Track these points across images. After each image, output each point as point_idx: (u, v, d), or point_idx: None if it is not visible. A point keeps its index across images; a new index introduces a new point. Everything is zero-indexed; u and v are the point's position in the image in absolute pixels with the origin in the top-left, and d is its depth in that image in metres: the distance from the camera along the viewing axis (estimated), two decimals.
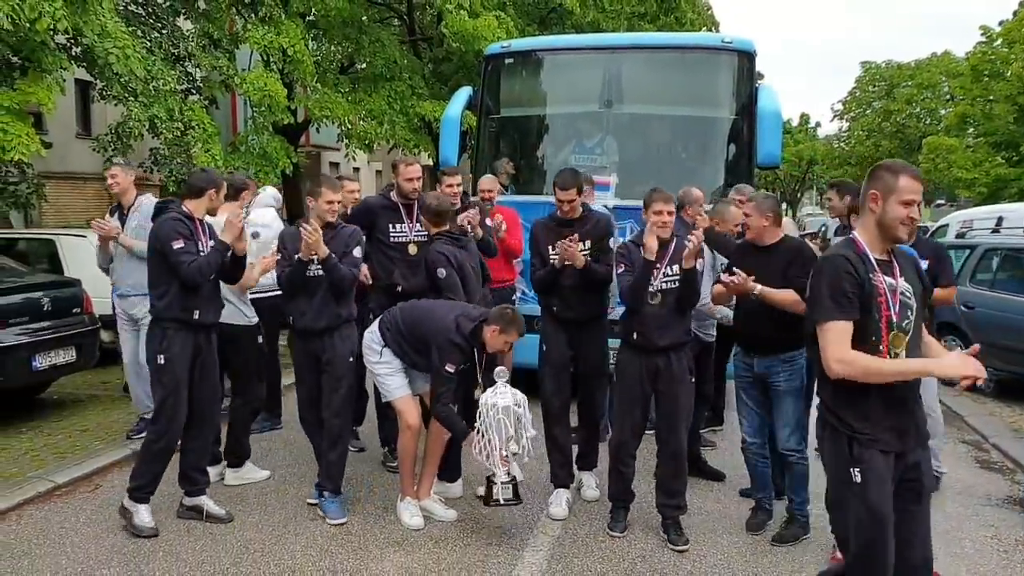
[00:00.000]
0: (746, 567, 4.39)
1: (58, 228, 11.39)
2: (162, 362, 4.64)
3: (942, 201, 36.43)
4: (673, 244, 4.63)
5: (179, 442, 4.85)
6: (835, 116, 54.74)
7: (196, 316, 4.70)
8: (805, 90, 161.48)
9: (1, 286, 6.89)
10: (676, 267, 4.55)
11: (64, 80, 10.22)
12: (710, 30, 28.43)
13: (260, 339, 5.75)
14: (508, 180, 7.78)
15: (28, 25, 8.34)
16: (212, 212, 4.94)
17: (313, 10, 15.29)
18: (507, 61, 8.20)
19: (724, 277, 4.61)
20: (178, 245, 4.56)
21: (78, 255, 8.69)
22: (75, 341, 7.09)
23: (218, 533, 4.74)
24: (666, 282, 4.58)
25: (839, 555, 4.34)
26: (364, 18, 16.98)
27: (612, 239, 5.19)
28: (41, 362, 6.75)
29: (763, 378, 4.66)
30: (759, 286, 4.48)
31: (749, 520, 4.91)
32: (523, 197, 7.59)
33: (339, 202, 5.01)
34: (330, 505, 4.98)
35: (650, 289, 4.57)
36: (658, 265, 4.55)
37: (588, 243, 4.99)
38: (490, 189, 6.55)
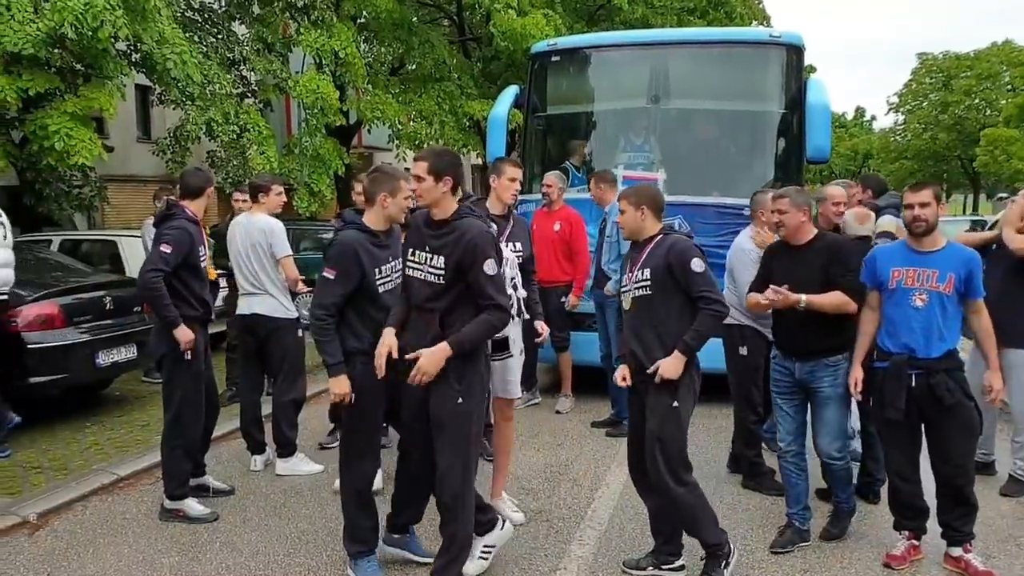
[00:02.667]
0: (795, 563, 4.37)
1: (120, 229, 11.77)
2: (189, 357, 4.84)
3: (1004, 194, 35.48)
4: (648, 249, 4.00)
5: None
6: (891, 109, 53.70)
7: (212, 317, 5.07)
8: (861, 83, 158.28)
9: (66, 286, 7.15)
10: (647, 272, 3.94)
11: (124, 86, 10.55)
12: (761, 24, 28.13)
13: (301, 332, 5.79)
14: (581, 164, 7.97)
15: (91, 33, 8.66)
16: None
17: (364, 13, 15.53)
18: (553, 59, 8.23)
19: (766, 295, 4.39)
20: (166, 250, 4.72)
21: (139, 255, 8.90)
22: (136, 339, 7.28)
23: (273, 525, 4.88)
24: (638, 287, 3.99)
25: (894, 553, 4.31)
26: (414, 19, 17.18)
27: (489, 264, 3.69)
28: (104, 359, 6.97)
29: (804, 383, 4.47)
30: (804, 296, 4.28)
31: (776, 539, 4.58)
32: (576, 195, 7.58)
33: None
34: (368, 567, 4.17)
35: (621, 291, 4.20)
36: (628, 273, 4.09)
37: (441, 260, 3.71)
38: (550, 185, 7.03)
